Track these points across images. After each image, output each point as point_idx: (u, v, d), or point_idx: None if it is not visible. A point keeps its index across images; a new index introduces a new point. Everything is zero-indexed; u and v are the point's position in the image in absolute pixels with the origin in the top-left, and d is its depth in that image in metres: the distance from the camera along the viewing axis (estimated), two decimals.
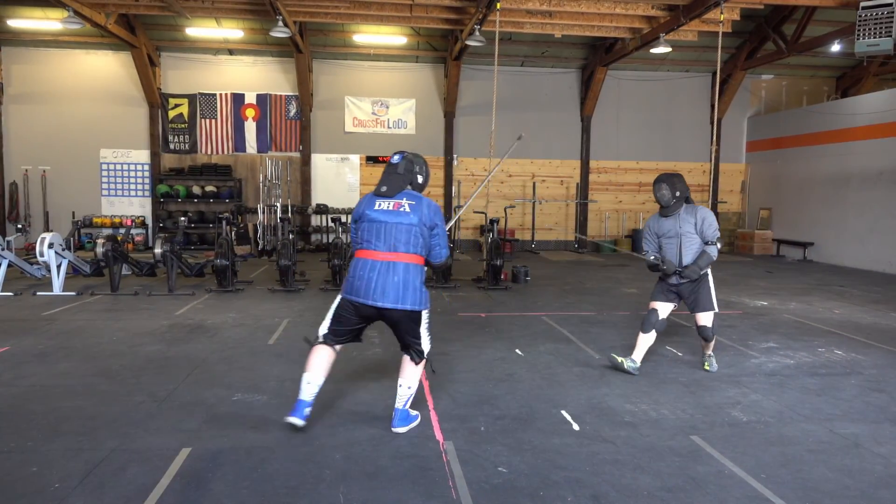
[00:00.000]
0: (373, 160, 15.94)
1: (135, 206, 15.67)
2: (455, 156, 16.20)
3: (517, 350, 6.15)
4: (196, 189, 15.29)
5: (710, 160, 15.26)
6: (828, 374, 5.46)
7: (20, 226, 13.18)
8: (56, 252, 8.95)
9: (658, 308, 5.38)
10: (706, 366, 5.50)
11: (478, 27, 11.75)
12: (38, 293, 8.96)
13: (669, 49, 13.11)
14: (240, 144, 15.69)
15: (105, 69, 15.24)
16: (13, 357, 5.68)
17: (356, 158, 16.09)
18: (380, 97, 15.98)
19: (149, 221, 15.59)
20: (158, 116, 15.39)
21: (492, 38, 11.38)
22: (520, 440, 3.92)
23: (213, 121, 15.58)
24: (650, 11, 12.25)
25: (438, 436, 3.97)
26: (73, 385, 4.89)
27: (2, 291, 8.82)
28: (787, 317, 8.00)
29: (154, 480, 3.31)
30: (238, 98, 15.59)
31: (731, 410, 4.52)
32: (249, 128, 15.68)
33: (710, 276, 5.36)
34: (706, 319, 5.31)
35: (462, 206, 5.36)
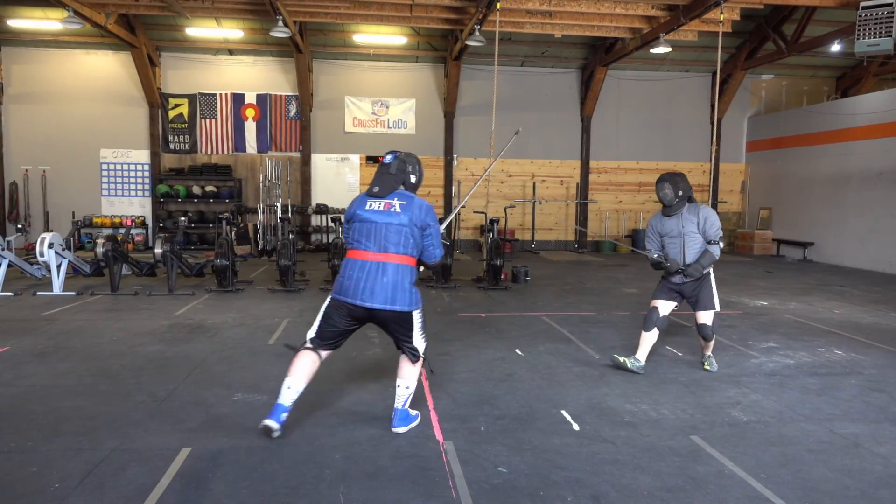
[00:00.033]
0: (373, 160, 15.94)
1: (135, 206, 15.67)
2: (455, 156, 16.20)
3: (517, 350, 6.15)
4: (196, 189, 15.30)
5: (710, 160, 15.28)
6: (828, 374, 5.46)
7: (20, 226, 13.18)
8: (56, 252, 8.95)
9: (659, 306, 5.40)
10: (706, 366, 5.50)
11: (478, 27, 11.75)
12: (38, 293, 8.96)
13: (669, 49, 13.11)
14: (240, 144, 15.69)
15: (105, 69, 15.25)
16: (13, 357, 5.68)
17: (356, 158, 16.09)
18: (380, 97, 15.98)
19: (149, 221, 15.59)
20: (158, 116, 15.39)
21: (492, 38, 11.38)
22: (520, 440, 3.92)
23: (213, 121, 15.59)
24: (650, 11, 12.25)
25: (438, 436, 3.97)
26: (73, 385, 4.89)
27: (2, 291, 8.82)
28: (787, 317, 8.00)
29: (154, 480, 3.31)
30: (238, 98, 15.59)
31: (731, 410, 4.52)
32: (249, 128, 15.69)
33: (713, 276, 5.39)
34: (706, 318, 5.32)
35: (459, 204, 5.33)
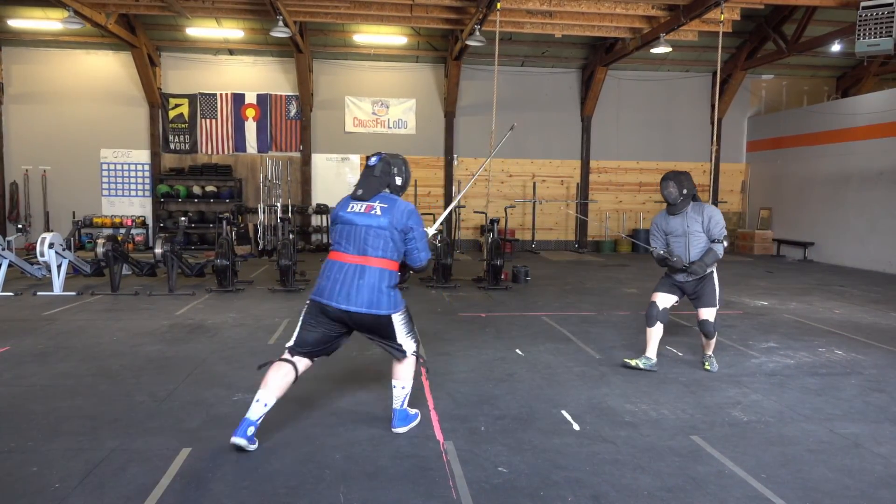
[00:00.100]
0: None
1: (135, 206, 15.67)
2: (455, 156, 16.19)
3: (517, 350, 6.15)
4: (196, 189, 15.29)
5: (711, 160, 15.30)
6: (828, 374, 5.46)
7: (20, 226, 13.21)
8: (56, 252, 8.95)
9: (658, 300, 5.44)
10: (706, 366, 5.50)
11: (478, 27, 11.75)
12: (39, 293, 8.96)
13: (670, 49, 13.10)
14: (240, 144, 15.69)
15: (105, 69, 15.25)
16: (13, 357, 5.68)
17: (356, 158, 16.09)
18: (380, 97, 15.98)
19: (149, 221, 15.59)
20: (159, 116, 15.39)
21: (492, 38, 11.38)
22: (520, 440, 3.92)
23: (214, 121, 15.59)
24: (650, 11, 12.25)
25: (438, 436, 3.97)
26: (73, 385, 4.89)
27: (2, 291, 8.82)
28: (788, 317, 8.00)
29: (154, 480, 3.31)
30: (238, 98, 15.59)
31: (732, 410, 4.52)
32: (250, 128, 15.69)
33: (716, 274, 5.42)
34: (709, 314, 5.35)
35: (451, 204, 5.32)
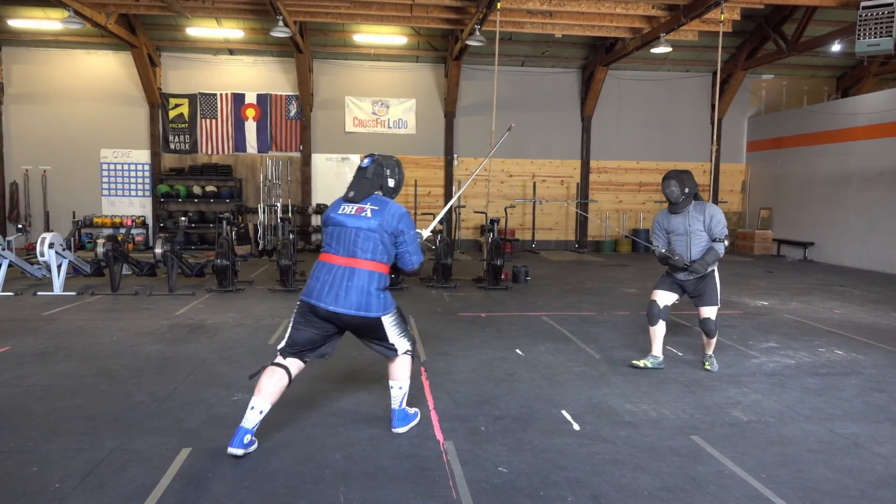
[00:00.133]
0: None
1: (135, 206, 15.67)
2: (455, 156, 16.19)
3: (517, 350, 6.15)
4: (196, 189, 15.29)
5: (711, 160, 15.30)
6: (828, 374, 5.46)
7: (20, 226, 13.20)
8: (56, 252, 8.95)
9: (658, 297, 5.46)
10: (706, 366, 5.50)
11: (478, 27, 11.75)
12: (39, 293, 8.96)
13: (670, 49, 13.10)
14: (240, 144, 15.69)
15: (105, 69, 15.25)
16: (13, 357, 5.68)
17: (356, 158, 16.06)
18: (380, 97, 15.98)
19: (149, 221, 15.59)
20: (159, 116, 15.39)
21: (492, 38, 11.38)
22: (520, 440, 3.92)
23: (214, 121, 15.58)
24: (650, 11, 12.25)
25: (438, 436, 3.97)
26: (74, 385, 4.89)
27: (2, 291, 8.82)
28: (788, 317, 8.00)
29: (154, 480, 3.32)
30: (238, 98, 15.59)
31: (732, 410, 4.52)
32: (250, 128, 15.68)
33: (717, 273, 5.43)
34: (710, 313, 5.37)
35: (448, 205, 5.33)
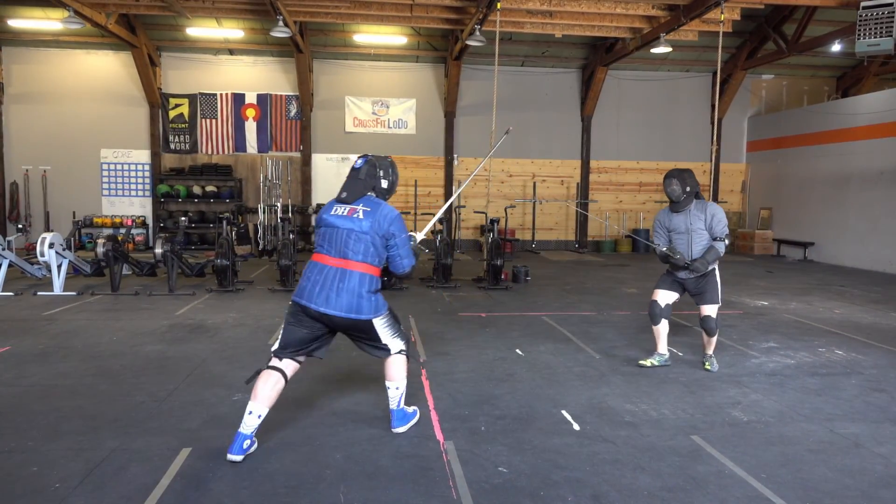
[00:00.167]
0: None
1: (135, 206, 15.67)
2: (455, 156, 16.19)
3: (517, 350, 6.15)
4: (196, 189, 15.29)
5: (711, 160, 15.28)
6: (828, 374, 5.46)
7: (21, 226, 13.21)
8: (56, 252, 8.95)
9: (659, 297, 5.50)
10: (707, 365, 5.51)
11: (478, 27, 11.75)
12: (39, 293, 8.96)
13: (670, 49, 13.10)
14: (240, 144, 15.69)
15: (105, 69, 15.25)
16: (13, 357, 5.68)
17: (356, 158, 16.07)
18: (380, 97, 15.98)
19: (149, 221, 15.59)
20: (159, 116, 15.39)
21: (492, 38, 11.38)
22: (520, 440, 3.92)
23: (214, 121, 15.58)
24: (650, 11, 12.25)
25: (439, 436, 3.97)
26: (74, 385, 4.89)
27: (2, 291, 8.82)
28: (788, 317, 7.99)
29: (154, 480, 3.32)
30: (238, 98, 15.59)
31: (732, 410, 4.51)
32: (250, 128, 15.68)
33: (718, 271, 5.45)
34: (711, 311, 5.39)
35: (445, 205, 5.33)
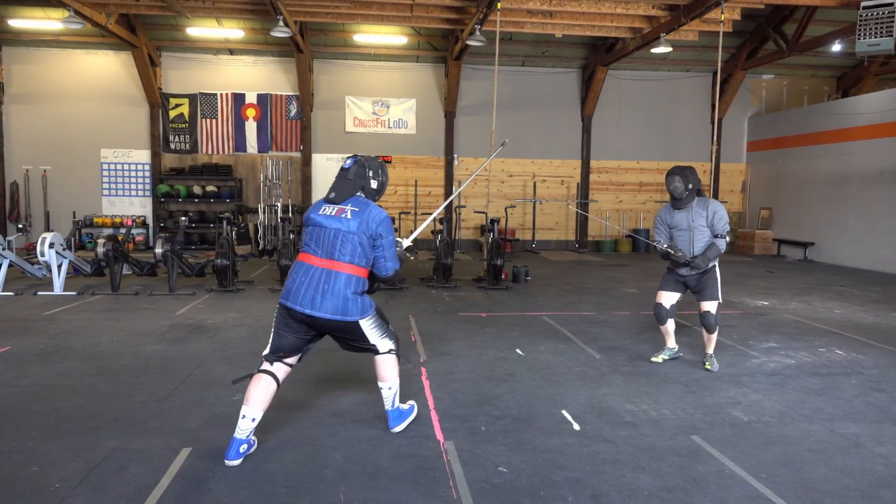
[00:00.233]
0: None
1: (135, 206, 15.67)
2: (455, 156, 16.19)
3: (518, 350, 6.15)
4: (197, 189, 15.29)
5: (711, 160, 15.28)
6: (828, 374, 5.45)
7: (21, 225, 13.21)
8: (57, 252, 8.95)
9: (664, 300, 5.57)
10: (707, 365, 5.51)
11: (478, 27, 11.74)
12: (39, 293, 8.97)
13: (670, 49, 13.10)
14: (240, 144, 15.69)
15: (105, 69, 15.25)
16: (14, 357, 5.68)
17: None
18: (380, 97, 15.98)
19: (149, 221, 15.59)
20: (159, 116, 15.39)
21: (492, 38, 11.38)
22: (520, 440, 3.92)
23: (214, 121, 15.58)
24: (651, 11, 12.24)
25: (439, 435, 3.97)
26: (74, 385, 4.89)
27: (2, 291, 8.82)
28: (788, 317, 7.99)
29: (154, 480, 3.32)
30: (238, 98, 15.59)
31: (732, 410, 4.51)
32: (250, 128, 15.69)
33: (718, 268, 5.48)
34: (710, 307, 5.43)
35: (442, 205, 5.34)
